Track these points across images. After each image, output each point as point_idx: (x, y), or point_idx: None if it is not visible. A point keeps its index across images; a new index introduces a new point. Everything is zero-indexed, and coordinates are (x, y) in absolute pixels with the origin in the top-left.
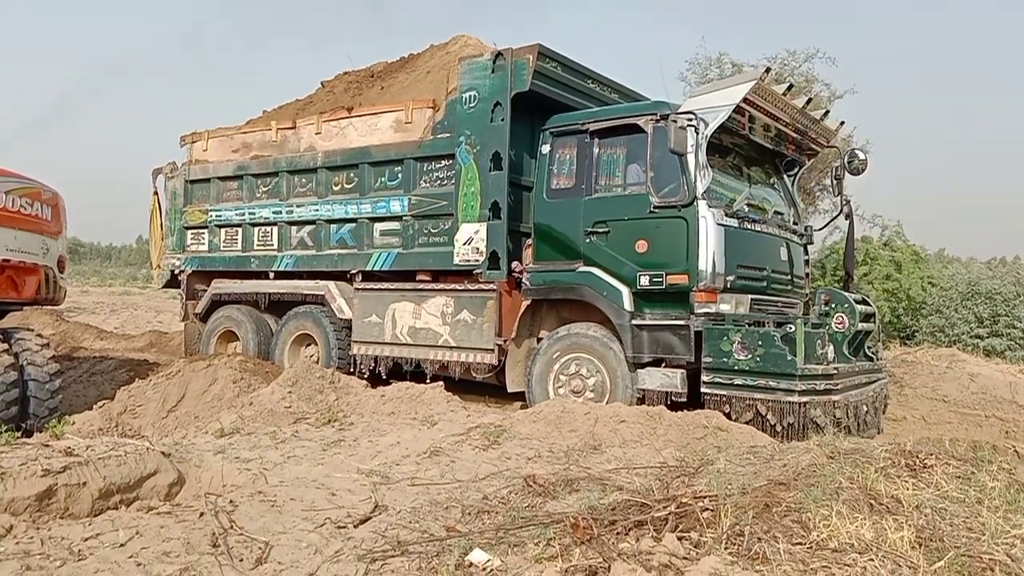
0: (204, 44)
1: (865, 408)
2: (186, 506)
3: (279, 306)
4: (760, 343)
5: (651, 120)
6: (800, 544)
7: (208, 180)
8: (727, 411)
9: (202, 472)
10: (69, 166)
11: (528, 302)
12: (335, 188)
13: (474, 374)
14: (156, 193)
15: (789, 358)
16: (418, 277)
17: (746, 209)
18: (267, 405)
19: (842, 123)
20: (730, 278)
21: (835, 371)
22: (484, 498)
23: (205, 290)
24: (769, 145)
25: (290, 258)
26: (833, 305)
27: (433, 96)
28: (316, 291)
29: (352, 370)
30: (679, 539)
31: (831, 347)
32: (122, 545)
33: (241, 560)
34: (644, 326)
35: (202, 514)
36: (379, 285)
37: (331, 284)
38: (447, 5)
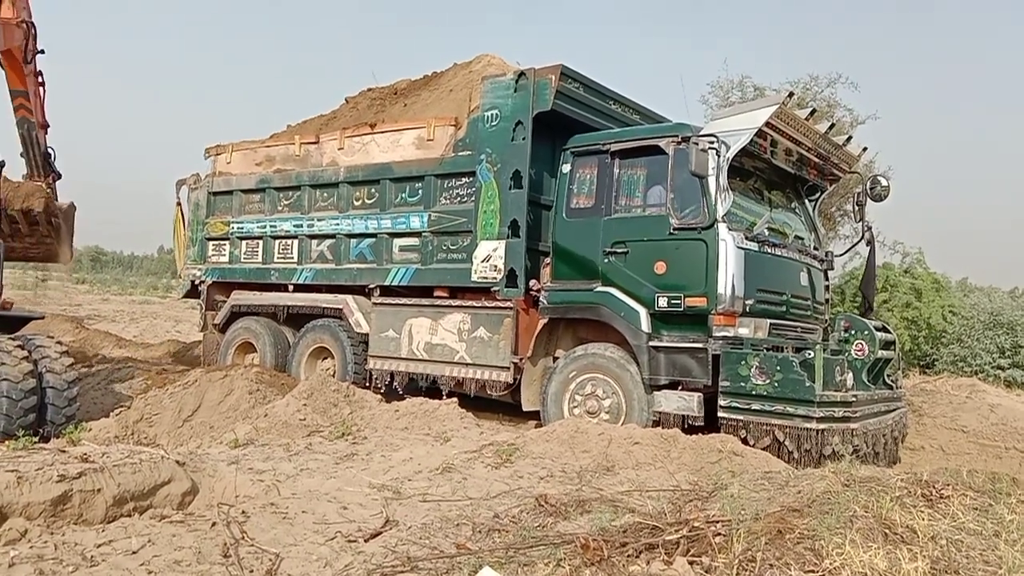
0: (231, 56)
1: (883, 437)
2: (198, 515)
3: (297, 319)
4: (778, 368)
5: (672, 142)
6: (812, 572)
7: (231, 192)
8: (744, 436)
9: (215, 482)
10: (90, 172)
11: (545, 321)
12: (356, 203)
13: (489, 391)
14: (179, 204)
15: (807, 384)
16: (436, 293)
17: (766, 233)
18: (282, 417)
19: (864, 149)
20: (749, 302)
21: (854, 398)
22: (495, 516)
23: (225, 301)
24: (791, 169)
25: (309, 271)
26: (853, 332)
27: (455, 114)
28: (334, 305)
29: (368, 384)
30: (690, 563)
31: (850, 374)
32: (134, 552)
33: (251, 571)
34: (661, 348)
35: (214, 524)
36: (397, 300)
37: (349, 298)
38: (471, 24)
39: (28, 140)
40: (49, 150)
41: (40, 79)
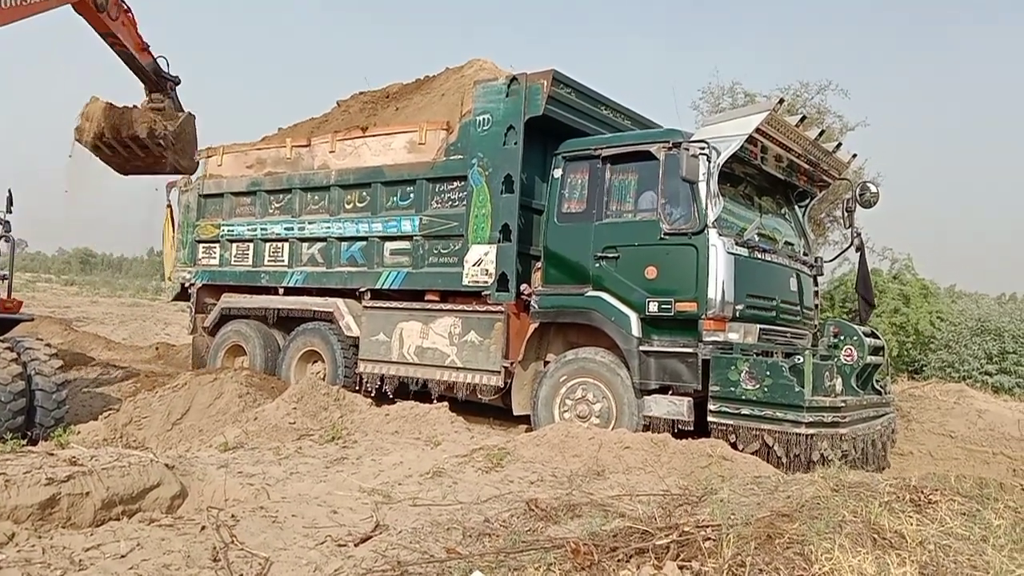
0: (223, 57)
1: (872, 442)
2: (188, 519)
3: (287, 322)
4: (768, 373)
5: (663, 147)
6: None
7: (221, 195)
8: (733, 441)
9: (205, 485)
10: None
11: (536, 325)
12: (347, 206)
13: (480, 396)
14: (169, 206)
15: (797, 389)
16: (427, 297)
17: (757, 238)
18: (272, 420)
19: (854, 155)
20: (739, 307)
21: (843, 404)
22: (485, 521)
23: (214, 304)
24: (781, 175)
25: (300, 274)
26: (842, 337)
27: (447, 118)
28: (325, 308)
29: (358, 388)
30: (680, 568)
31: (839, 379)
32: (123, 556)
33: (241, 575)
34: (652, 353)
35: (203, 528)
36: (388, 304)
37: (340, 301)
38: (460, 28)
39: (133, 67)
40: (159, 61)
41: (124, 7)
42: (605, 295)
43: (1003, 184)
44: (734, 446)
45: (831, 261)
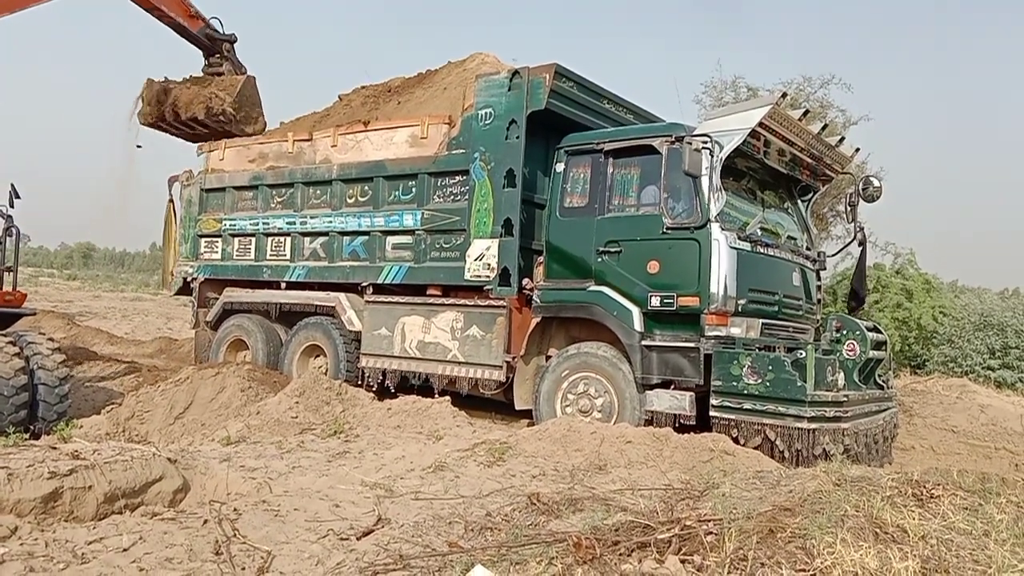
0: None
1: (874, 436)
2: (190, 513)
3: (289, 316)
4: (770, 368)
5: (666, 141)
6: (803, 571)
7: (223, 189)
8: (735, 435)
9: (207, 479)
10: (81, 166)
11: (538, 319)
12: (349, 200)
13: (482, 390)
14: (171, 201)
15: (799, 384)
16: (428, 291)
17: (759, 233)
18: (274, 415)
19: (857, 149)
20: (741, 301)
21: (845, 398)
22: (487, 515)
23: (217, 298)
24: (784, 170)
25: (302, 269)
26: (844, 332)
27: (449, 112)
28: (327, 302)
29: (360, 382)
30: (682, 562)
31: (841, 374)
32: (125, 550)
33: (243, 569)
34: (654, 347)
35: (206, 521)
36: (390, 298)
37: (342, 296)
38: (464, 24)
39: (185, 36)
40: (212, 22)
41: None
42: (607, 289)
43: (1007, 180)
44: (736, 441)
45: (834, 256)
